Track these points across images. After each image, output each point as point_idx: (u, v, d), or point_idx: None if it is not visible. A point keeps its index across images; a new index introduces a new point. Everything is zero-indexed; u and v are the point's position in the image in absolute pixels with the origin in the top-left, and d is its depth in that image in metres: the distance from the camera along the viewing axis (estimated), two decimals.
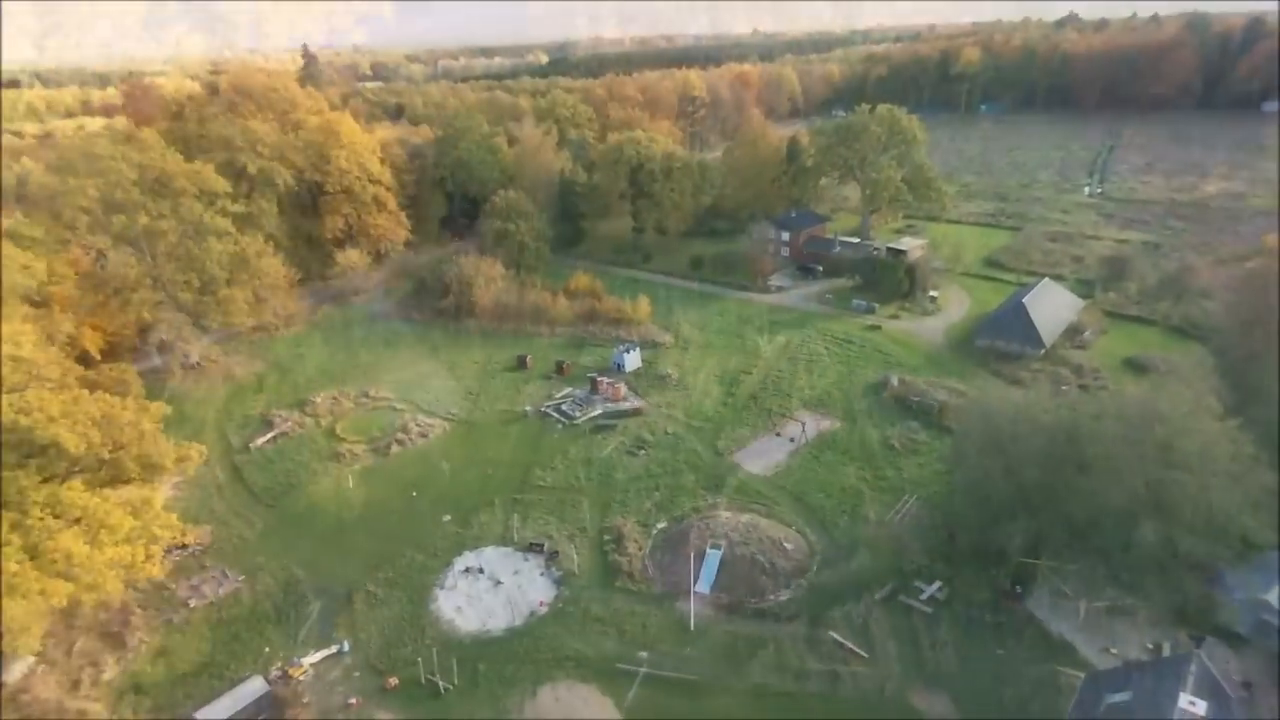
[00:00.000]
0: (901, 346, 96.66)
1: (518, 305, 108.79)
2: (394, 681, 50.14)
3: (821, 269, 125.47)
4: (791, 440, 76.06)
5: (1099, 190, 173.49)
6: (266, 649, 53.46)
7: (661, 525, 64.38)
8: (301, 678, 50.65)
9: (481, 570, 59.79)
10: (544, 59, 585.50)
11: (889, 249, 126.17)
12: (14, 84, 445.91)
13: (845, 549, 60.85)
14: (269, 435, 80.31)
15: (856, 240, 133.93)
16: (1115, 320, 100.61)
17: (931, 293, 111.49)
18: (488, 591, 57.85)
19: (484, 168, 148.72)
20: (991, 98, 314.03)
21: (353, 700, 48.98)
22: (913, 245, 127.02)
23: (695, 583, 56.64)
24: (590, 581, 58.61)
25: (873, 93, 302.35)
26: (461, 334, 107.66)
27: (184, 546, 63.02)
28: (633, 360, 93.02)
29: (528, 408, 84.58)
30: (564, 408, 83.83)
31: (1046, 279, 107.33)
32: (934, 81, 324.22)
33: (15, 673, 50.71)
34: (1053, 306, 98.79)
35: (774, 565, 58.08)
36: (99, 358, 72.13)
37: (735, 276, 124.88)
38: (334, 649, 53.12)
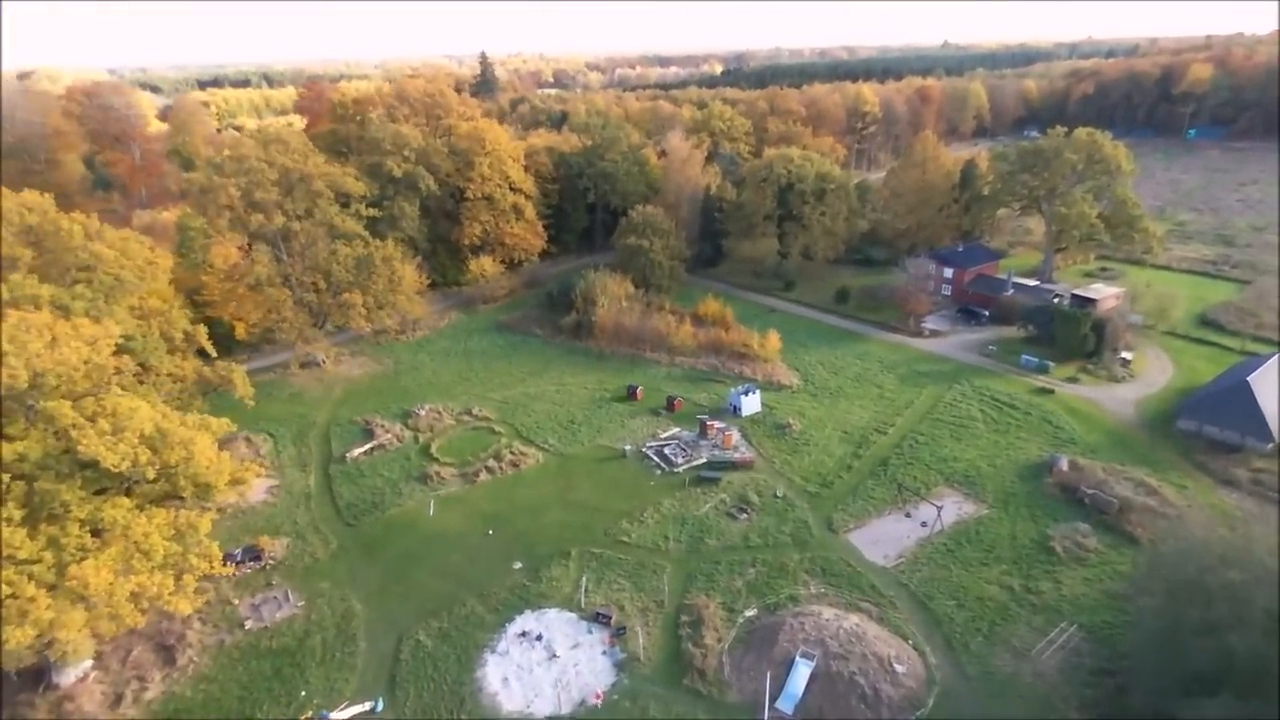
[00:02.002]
0: (1078, 419, 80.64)
1: (639, 328, 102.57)
2: None
3: (988, 314, 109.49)
4: (924, 525, 64.00)
5: None
6: (303, 692, 50.01)
7: (750, 613, 55.15)
8: None
9: (539, 637, 53.47)
10: (718, 69, 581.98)
11: (1074, 296, 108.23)
12: (244, 83, 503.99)
13: (975, 682, 48.87)
14: (366, 446, 78.93)
15: (1034, 283, 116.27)
16: None
17: (1124, 354, 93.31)
18: (540, 664, 51.38)
19: (629, 180, 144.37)
20: (1222, 121, 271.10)
21: None
22: (1105, 293, 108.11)
23: (776, 699, 47.23)
24: (656, 673, 50.63)
25: (1075, 113, 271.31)
26: (578, 354, 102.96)
27: (257, 558, 62.12)
28: (751, 403, 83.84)
29: (627, 447, 77.80)
30: (666, 451, 76.29)
31: None
32: (1151, 102, 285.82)
33: (70, 676, 50.49)
34: None
35: (877, 692, 47.35)
36: (215, 355, 73.11)
37: (884, 314, 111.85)
38: (367, 705, 48.80)
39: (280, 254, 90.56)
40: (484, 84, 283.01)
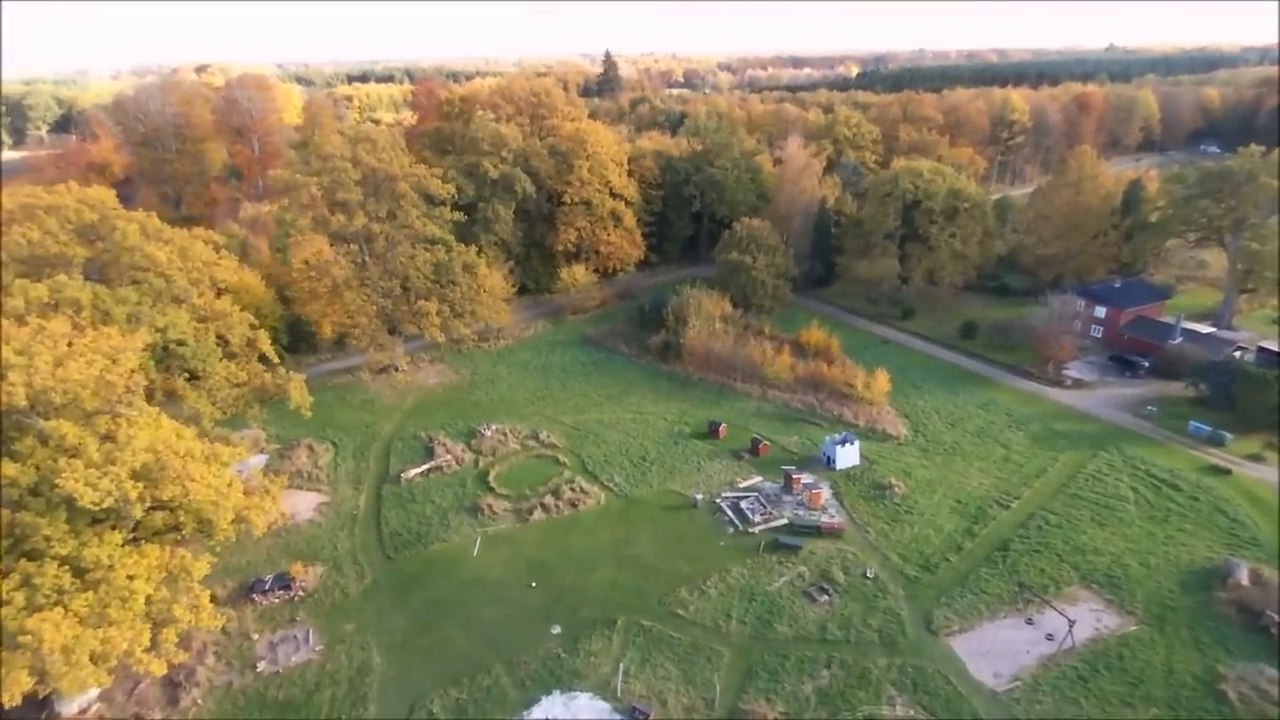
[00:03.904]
0: (1263, 512, 64.90)
1: (731, 354, 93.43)
2: None
3: (1147, 364, 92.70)
4: (1049, 638, 51.79)
5: None
6: None
7: None
8: None
9: None
10: (854, 71, 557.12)
11: (1262, 350, 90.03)
12: (388, 78, 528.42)
13: None
14: (423, 468, 74.30)
15: (1210, 330, 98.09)
16: None
17: None
18: None
19: (738, 188, 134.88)
20: None
21: None
22: None
23: None
24: None
25: (1265, 126, 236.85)
26: (662, 378, 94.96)
27: (287, 587, 58.17)
28: (848, 455, 73.10)
29: (699, 495, 69.10)
30: (743, 505, 67.08)
31: None
32: None
33: (73, 707, 47.60)
34: None
35: None
36: (278, 361, 70.41)
37: (1018, 356, 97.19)
38: None
39: (363, 256, 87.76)
40: (606, 83, 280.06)
